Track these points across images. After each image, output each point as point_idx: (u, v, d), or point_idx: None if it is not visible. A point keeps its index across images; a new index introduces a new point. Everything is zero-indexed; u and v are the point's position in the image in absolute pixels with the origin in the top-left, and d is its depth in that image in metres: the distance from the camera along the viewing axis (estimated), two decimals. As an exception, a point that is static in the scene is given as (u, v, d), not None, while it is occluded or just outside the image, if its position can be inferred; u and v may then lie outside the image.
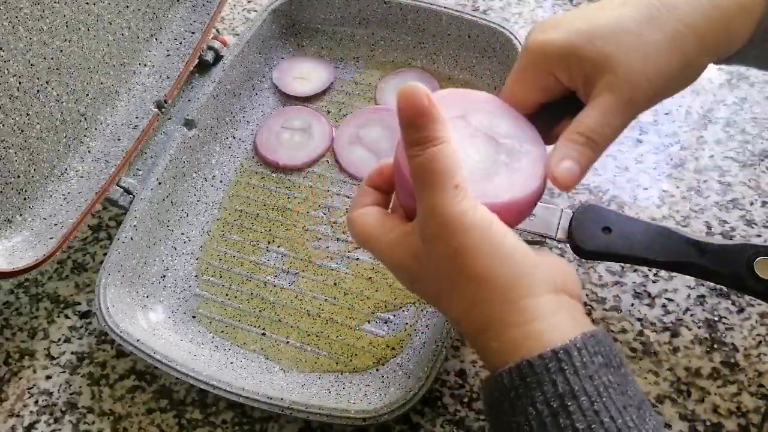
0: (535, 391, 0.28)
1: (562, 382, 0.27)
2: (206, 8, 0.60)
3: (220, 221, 0.56)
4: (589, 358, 0.28)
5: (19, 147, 0.48)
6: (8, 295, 0.54)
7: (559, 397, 0.27)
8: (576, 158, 0.33)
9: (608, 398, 0.27)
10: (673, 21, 0.32)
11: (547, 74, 0.35)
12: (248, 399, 0.42)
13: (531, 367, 0.28)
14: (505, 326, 0.30)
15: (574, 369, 0.27)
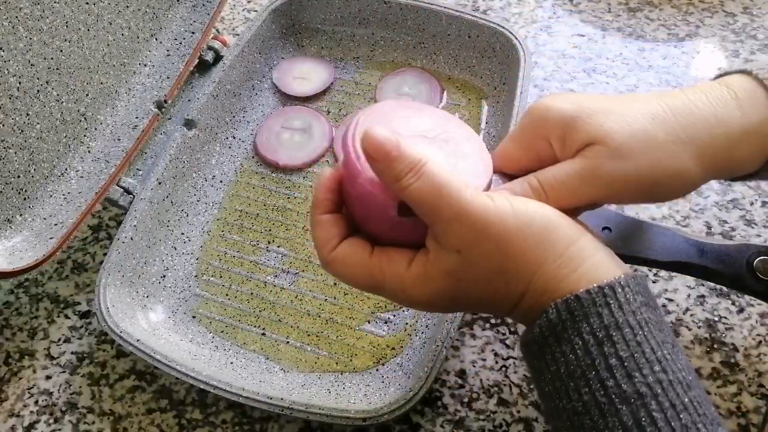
0: (582, 323, 0.29)
1: (608, 315, 0.29)
2: (206, 8, 0.60)
3: (220, 221, 0.56)
4: (632, 295, 0.29)
5: (19, 147, 0.48)
6: (8, 295, 0.54)
7: (605, 328, 0.28)
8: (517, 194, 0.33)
9: (649, 332, 0.29)
10: (676, 127, 0.32)
11: (543, 139, 0.34)
12: (248, 399, 0.42)
13: (578, 301, 0.29)
14: (561, 279, 0.30)
15: (619, 304, 0.29)
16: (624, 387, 0.28)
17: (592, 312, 0.29)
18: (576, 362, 0.29)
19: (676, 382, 0.28)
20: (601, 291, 0.29)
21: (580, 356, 0.29)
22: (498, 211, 0.30)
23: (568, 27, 0.66)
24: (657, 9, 0.67)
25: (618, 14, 0.67)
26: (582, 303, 0.29)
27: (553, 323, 0.30)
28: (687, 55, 0.63)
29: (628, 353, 0.28)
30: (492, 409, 0.45)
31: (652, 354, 0.28)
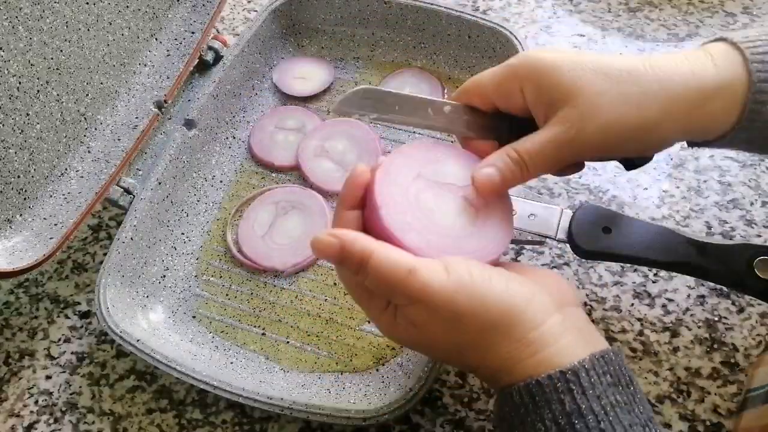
0: (544, 409, 0.29)
1: (570, 401, 0.28)
2: (206, 8, 0.60)
3: (220, 221, 0.56)
4: (597, 378, 0.29)
5: (19, 147, 0.48)
6: (8, 295, 0.54)
7: (567, 416, 0.28)
8: (501, 169, 0.34)
9: (615, 417, 0.28)
10: (651, 79, 0.33)
11: (517, 84, 0.35)
12: (248, 399, 0.42)
13: (540, 386, 0.29)
14: (516, 362, 0.31)
15: (582, 389, 0.29)
16: None
17: (553, 398, 0.29)
18: None
19: None
20: (563, 376, 0.29)
21: None
22: (452, 292, 0.30)
23: (568, 27, 0.66)
24: (657, 9, 0.67)
25: (618, 14, 0.67)
26: (543, 389, 0.29)
27: (517, 406, 0.30)
28: (687, 55, 0.63)
29: None
30: (492, 409, 0.45)
31: None
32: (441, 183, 0.36)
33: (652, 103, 0.33)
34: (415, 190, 0.35)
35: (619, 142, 0.34)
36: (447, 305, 0.30)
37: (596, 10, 0.68)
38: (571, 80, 0.33)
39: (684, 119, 0.33)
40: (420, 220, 0.34)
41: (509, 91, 0.35)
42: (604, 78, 0.33)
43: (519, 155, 0.34)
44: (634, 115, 0.33)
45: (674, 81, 0.33)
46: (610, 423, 0.28)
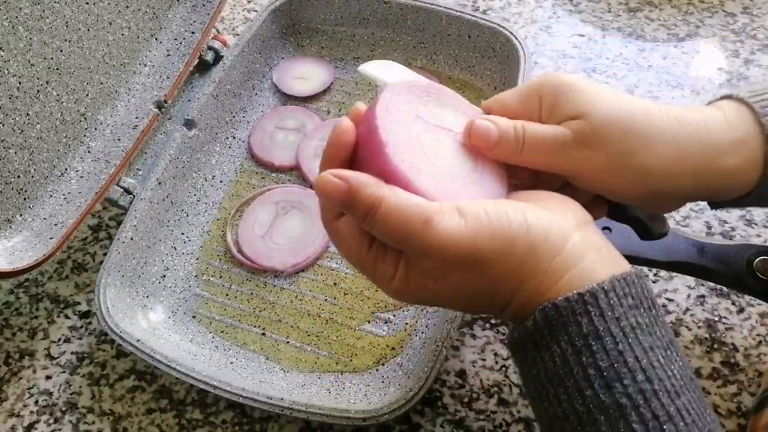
0: (560, 332, 0.28)
1: (587, 323, 0.28)
2: (206, 8, 0.60)
3: (220, 221, 0.56)
4: (617, 300, 0.28)
5: (19, 147, 0.48)
6: (8, 295, 0.54)
7: (583, 337, 0.28)
8: (501, 129, 0.33)
9: (634, 339, 0.28)
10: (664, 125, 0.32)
11: (537, 99, 0.34)
12: (248, 399, 0.42)
13: (556, 309, 0.28)
14: (542, 293, 0.30)
15: (600, 311, 0.28)
16: (603, 398, 0.27)
17: (570, 321, 0.28)
18: (555, 370, 0.28)
19: (661, 391, 0.27)
20: (581, 298, 0.28)
21: (559, 365, 0.28)
22: (472, 236, 0.29)
23: (568, 27, 0.66)
24: (657, 9, 0.67)
25: (618, 14, 0.67)
26: (560, 312, 0.28)
27: (531, 332, 0.29)
28: (687, 55, 0.63)
29: (607, 363, 0.27)
30: (492, 409, 0.45)
31: (636, 363, 0.27)
32: (440, 127, 0.34)
33: (663, 147, 0.32)
34: (416, 131, 0.33)
35: (621, 177, 0.33)
36: (470, 253, 0.29)
37: (596, 10, 0.68)
38: (588, 100, 0.33)
39: (695, 172, 0.33)
40: (425, 163, 0.32)
41: (530, 107, 0.35)
42: (619, 107, 0.32)
43: (523, 132, 0.33)
44: (642, 151, 0.32)
45: (687, 130, 0.32)
46: (629, 344, 0.27)
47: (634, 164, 0.32)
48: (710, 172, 0.33)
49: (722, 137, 0.33)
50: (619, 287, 0.29)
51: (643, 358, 0.27)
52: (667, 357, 0.28)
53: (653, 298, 0.30)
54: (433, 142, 0.33)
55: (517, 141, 0.33)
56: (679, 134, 0.32)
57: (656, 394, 0.27)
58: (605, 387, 0.27)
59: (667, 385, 0.27)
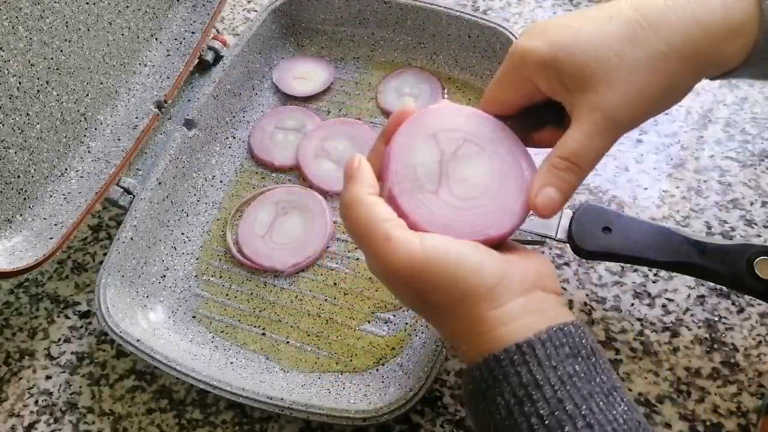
0: (502, 382, 0.29)
1: (526, 373, 0.29)
2: (206, 8, 0.60)
3: (220, 221, 0.56)
4: (554, 350, 0.29)
5: (19, 147, 0.48)
6: (8, 295, 0.54)
7: (524, 387, 0.29)
8: (557, 185, 0.33)
9: (572, 386, 0.29)
10: (655, 41, 0.32)
11: (527, 81, 0.34)
12: (248, 399, 0.42)
13: (497, 361, 0.30)
14: (472, 336, 0.31)
15: (538, 360, 0.29)
16: None
17: (510, 371, 0.29)
18: (501, 422, 0.29)
19: None
20: (518, 349, 0.29)
21: (504, 416, 0.29)
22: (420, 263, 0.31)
23: (568, 27, 0.66)
24: (657, 9, 0.67)
25: (618, 14, 0.67)
26: (500, 362, 0.30)
27: (478, 381, 0.31)
28: (687, 55, 0.63)
29: (548, 411, 0.28)
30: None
31: (575, 409, 0.28)
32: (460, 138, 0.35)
33: (665, 64, 0.32)
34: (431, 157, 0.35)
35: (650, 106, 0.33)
36: (414, 277, 0.31)
37: (596, 10, 0.68)
38: (577, 67, 0.32)
39: (696, 67, 0.33)
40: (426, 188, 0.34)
41: (526, 92, 0.35)
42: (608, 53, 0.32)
43: (569, 160, 0.33)
44: (656, 80, 0.32)
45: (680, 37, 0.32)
46: (567, 392, 0.28)
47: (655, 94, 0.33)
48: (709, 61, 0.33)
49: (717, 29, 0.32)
50: (555, 337, 0.30)
51: (582, 404, 0.28)
52: (609, 403, 0.29)
53: (593, 346, 0.31)
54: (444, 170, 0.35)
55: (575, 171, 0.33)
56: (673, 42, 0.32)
57: None
58: None
59: (608, 430, 0.28)
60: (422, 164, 0.34)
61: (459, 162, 0.35)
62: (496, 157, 0.35)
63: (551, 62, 0.33)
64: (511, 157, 0.35)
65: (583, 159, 0.33)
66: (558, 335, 0.30)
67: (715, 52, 0.33)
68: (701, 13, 0.32)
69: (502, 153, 0.35)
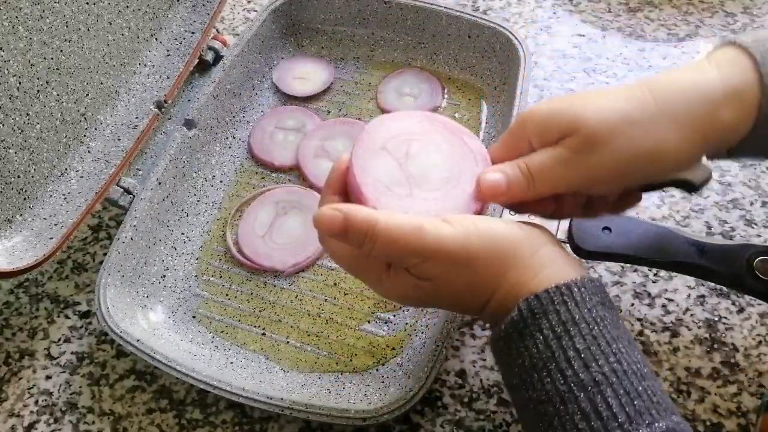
0: (542, 320, 0.31)
1: (565, 312, 0.31)
2: (206, 8, 0.60)
3: (220, 221, 0.56)
4: (588, 295, 0.32)
5: (19, 147, 0.48)
6: (8, 295, 0.54)
7: (563, 324, 0.31)
8: (509, 176, 0.35)
9: (604, 327, 0.31)
10: (652, 104, 0.33)
11: (525, 141, 0.36)
12: (248, 399, 0.42)
13: (538, 300, 0.31)
14: (522, 286, 0.33)
15: (575, 302, 0.31)
16: (582, 376, 0.29)
17: (550, 309, 0.31)
18: (538, 355, 0.31)
19: (630, 372, 0.30)
20: (558, 290, 0.31)
21: (542, 349, 0.31)
22: (463, 237, 0.33)
23: (568, 27, 0.66)
24: (657, 9, 0.67)
25: (618, 14, 0.67)
26: (541, 301, 0.31)
27: (516, 321, 0.32)
28: (687, 55, 0.63)
29: (584, 345, 0.30)
30: (492, 409, 0.45)
31: (608, 347, 0.30)
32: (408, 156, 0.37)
33: (659, 127, 0.32)
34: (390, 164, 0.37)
35: (634, 168, 0.33)
36: (462, 250, 0.32)
37: (596, 10, 0.68)
38: (572, 117, 0.33)
39: (696, 135, 0.33)
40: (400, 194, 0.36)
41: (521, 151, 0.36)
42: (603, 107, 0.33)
43: (528, 167, 0.35)
44: (643, 138, 0.32)
45: (677, 100, 0.33)
46: (600, 331, 0.31)
47: (642, 151, 0.33)
48: (708, 127, 0.33)
49: (715, 91, 0.32)
50: (589, 285, 0.32)
51: (612, 343, 0.30)
52: (630, 347, 0.31)
53: (613, 302, 0.34)
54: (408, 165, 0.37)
55: (526, 178, 0.35)
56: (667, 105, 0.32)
57: (626, 374, 0.30)
58: (584, 367, 0.30)
59: (634, 368, 0.30)
60: (387, 175, 0.36)
61: (414, 160, 0.37)
62: (443, 144, 0.37)
63: (549, 116, 0.34)
64: (455, 138, 0.38)
65: (538, 176, 0.34)
66: (590, 284, 0.32)
67: (716, 118, 0.33)
68: (699, 77, 0.33)
69: (446, 138, 0.38)
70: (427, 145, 0.37)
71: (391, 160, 0.36)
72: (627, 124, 0.32)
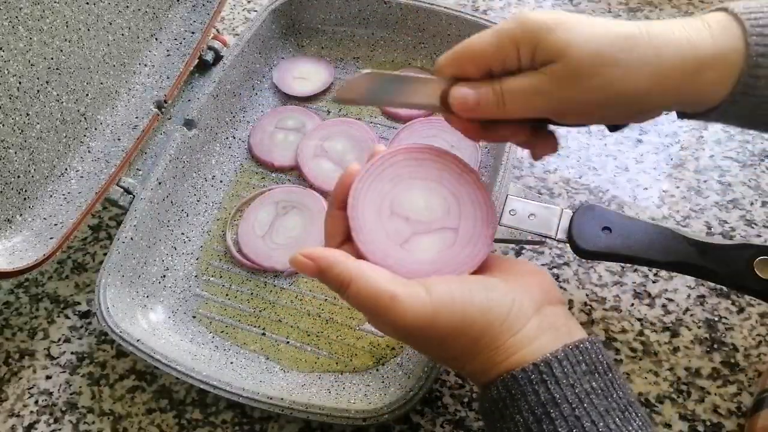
0: (520, 401, 0.30)
1: (544, 392, 0.29)
2: (206, 8, 0.60)
3: (220, 221, 0.56)
4: (571, 368, 0.30)
5: (19, 147, 0.48)
6: (8, 295, 0.54)
7: (542, 405, 0.29)
8: (480, 93, 0.34)
9: (590, 404, 0.29)
10: (645, 45, 0.32)
11: (513, 45, 0.34)
12: (248, 399, 0.42)
13: (515, 380, 0.30)
14: (493, 365, 0.32)
15: (555, 379, 0.30)
16: None
17: (528, 390, 0.30)
18: None
19: None
20: (536, 368, 0.30)
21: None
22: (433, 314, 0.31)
23: (568, 27, 0.66)
24: (657, 9, 0.67)
25: (618, 14, 0.67)
26: (518, 382, 0.30)
27: (495, 400, 0.31)
28: (687, 55, 0.63)
29: (566, 429, 0.29)
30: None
31: (593, 426, 0.28)
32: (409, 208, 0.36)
33: (644, 70, 0.32)
34: (388, 209, 0.35)
35: (605, 106, 0.33)
36: (429, 328, 0.31)
37: (596, 11, 0.68)
38: (564, 40, 0.32)
39: (676, 88, 0.33)
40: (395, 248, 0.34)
41: (507, 55, 0.34)
42: (599, 40, 0.32)
43: (501, 92, 0.34)
44: (624, 80, 0.32)
45: (669, 48, 0.32)
46: (585, 410, 0.29)
47: (614, 93, 0.32)
48: (689, 86, 0.33)
49: (704, 52, 0.32)
50: (571, 355, 0.30)
51: (599, 421, 0.29)
52: (625, 419, 0.29)
53: (609, 363, 0.31)
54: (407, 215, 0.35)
55: (497, 97, 0.34)
56: (662, 54, 0.32)
57: None
58: None
59: None
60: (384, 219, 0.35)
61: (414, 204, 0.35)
62: (445, 184, 0.36)
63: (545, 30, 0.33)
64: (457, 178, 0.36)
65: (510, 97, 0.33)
66: (574, 353, 0.30)
67: (698, 78, 0.33)
68: (694, 34, 0.33)
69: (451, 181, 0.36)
70: (428, 189, 0.36)
71: (388, 205, 0.35)
72: (613, 61, 0.32)
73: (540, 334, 0.32)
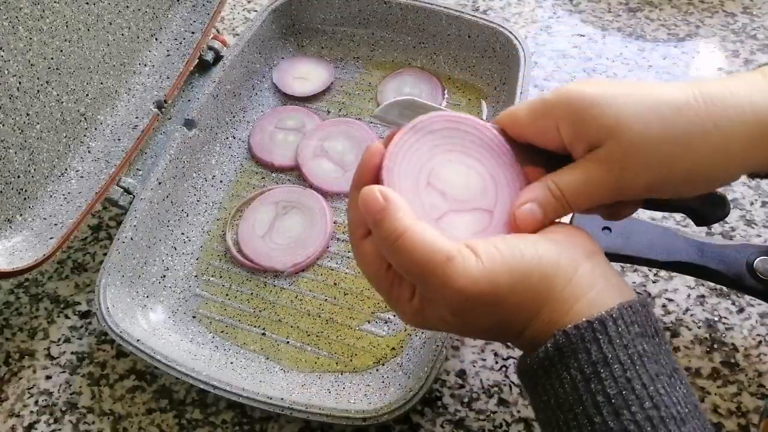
0: (570, 359, 0.28)
1: (596, 351, 0.28)
2: (206, 8, 0.60)
3: (220, 221, 0.56)
4: (625, 327, 0.28)
5: (19, 147, 0.48)
6: (8, 295, 0.54)
7: (593, 365, 0.28)
8: (543, 204, 0.32)
9: (641, 366, 0.28)
10: (703, 115, 0.30)
11: (552, 121, 0.33)
12: (248, 399, 0.42)
13: (567, 337, 0.29)
14: (555, 324, 0.30)
15: (609, 338, 0.28)
16: (611, 425, 0.27)
17: (580, 348, 0.28)
18: (564, 396, 0.28)
19: (668, 418, 0.27)
20: (590, 326, 0.28)
21: (568, 391, 0.28)
22: (490, 275, 0.29)
23: (568, 27, 0.66)
24: (657, 9, 0.67)
25: (618, 14, 0.67)
26: (570, 339, 0.29)
27: (542, 359, 0.29)
28: (687, 55, 0.63)
29: (616, 390, 0.27)
30: (492, 409, 0.45)
31: (643, 390, 0.27)
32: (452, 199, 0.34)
33: (704, 143, 0.30)
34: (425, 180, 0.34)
35: (668, 184, 0.31)
36: (489, 291, 0.29)
37: (596, 10, 0.68)
38: (613, 116, 0.30)
39: (740, 158, 0.31)
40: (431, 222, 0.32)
41: (545, 129, 0.33)
42: (648, 115, 0.30)
43: (560, 191, 0.32)
44: (683, 156, 0.30)
45: (730, 117, 0.30)
46: (636, 372, 0.28)
47: (679, 170, 0.31)
48: (754, 151, 0.31)
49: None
50: (626, 315, 0.29)
51: (650, 385, 0.28)
52: (672, 384, 0.28)
53: (658, 326, 0.30)
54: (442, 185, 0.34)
55: (560, 202, 0.32)
56: (721, 121, 0.30)
57: (663, 421, 0.27)
58: (613, 414, 0.27)
59: (673, 412, 0.27)
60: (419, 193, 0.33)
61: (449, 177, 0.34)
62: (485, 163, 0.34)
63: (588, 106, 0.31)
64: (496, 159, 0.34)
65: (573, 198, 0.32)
66: (628, 313, 0.29)
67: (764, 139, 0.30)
68: (756, 95, 0.30)
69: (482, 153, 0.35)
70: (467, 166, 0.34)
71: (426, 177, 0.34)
72: (671, 137, 0.30)
73: (593, 282, 0.30)
